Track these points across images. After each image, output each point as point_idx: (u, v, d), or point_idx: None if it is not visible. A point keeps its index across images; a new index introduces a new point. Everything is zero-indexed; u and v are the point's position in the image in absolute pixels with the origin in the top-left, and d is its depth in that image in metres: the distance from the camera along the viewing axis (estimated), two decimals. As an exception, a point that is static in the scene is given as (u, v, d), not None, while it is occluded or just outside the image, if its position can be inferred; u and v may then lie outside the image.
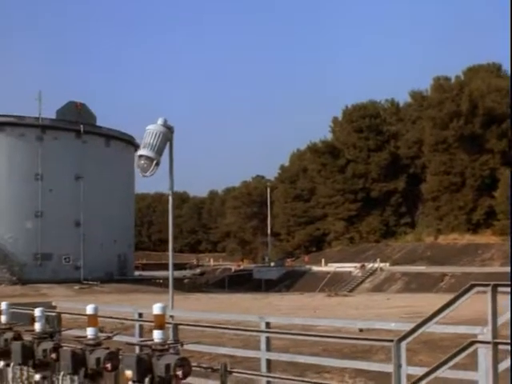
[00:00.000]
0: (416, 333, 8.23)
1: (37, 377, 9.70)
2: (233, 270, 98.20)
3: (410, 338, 8.22)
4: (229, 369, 10.64)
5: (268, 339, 10.90)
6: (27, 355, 9.61)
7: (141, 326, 12.50)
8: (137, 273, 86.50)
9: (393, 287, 79.35)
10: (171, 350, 7.96)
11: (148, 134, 15.79)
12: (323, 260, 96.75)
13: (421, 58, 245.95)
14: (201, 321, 14.41)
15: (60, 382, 8.95)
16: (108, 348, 8.72)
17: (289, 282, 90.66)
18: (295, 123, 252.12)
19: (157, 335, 7.97)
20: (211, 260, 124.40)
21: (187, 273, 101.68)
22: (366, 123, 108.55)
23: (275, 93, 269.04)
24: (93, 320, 8.99)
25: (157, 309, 8.10)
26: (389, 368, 8.75)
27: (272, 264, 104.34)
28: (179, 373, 7.55)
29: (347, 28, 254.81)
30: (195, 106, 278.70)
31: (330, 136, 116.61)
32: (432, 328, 8.43)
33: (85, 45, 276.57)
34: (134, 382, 7.56)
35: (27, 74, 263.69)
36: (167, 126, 15.92)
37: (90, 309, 9.07)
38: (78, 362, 8.47)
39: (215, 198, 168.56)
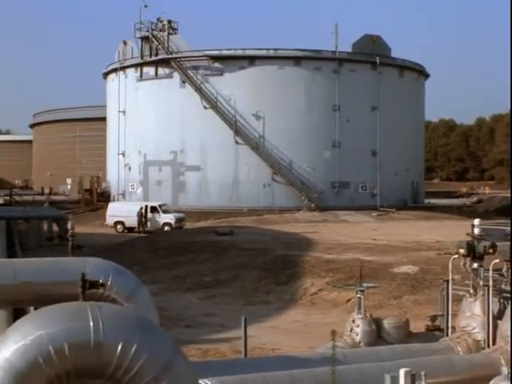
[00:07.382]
0: None
1: (475, 265, 14.95)
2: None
3: None
4: None
5: None
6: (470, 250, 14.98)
7: None
8: (426, 200, 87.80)
9: None
10: None
11: None
12: None
13: None
14: None
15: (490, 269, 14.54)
16: None
17: None
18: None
19: None
20: (486, 188, 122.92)
21: (466, 201, 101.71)
22: None
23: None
24: None
25: None
26: None
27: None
28: None
29: None
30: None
31: None
32: None
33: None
34: None
35: (322, 7, 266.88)
36: None
37: None
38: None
39: (483, 125, 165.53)
